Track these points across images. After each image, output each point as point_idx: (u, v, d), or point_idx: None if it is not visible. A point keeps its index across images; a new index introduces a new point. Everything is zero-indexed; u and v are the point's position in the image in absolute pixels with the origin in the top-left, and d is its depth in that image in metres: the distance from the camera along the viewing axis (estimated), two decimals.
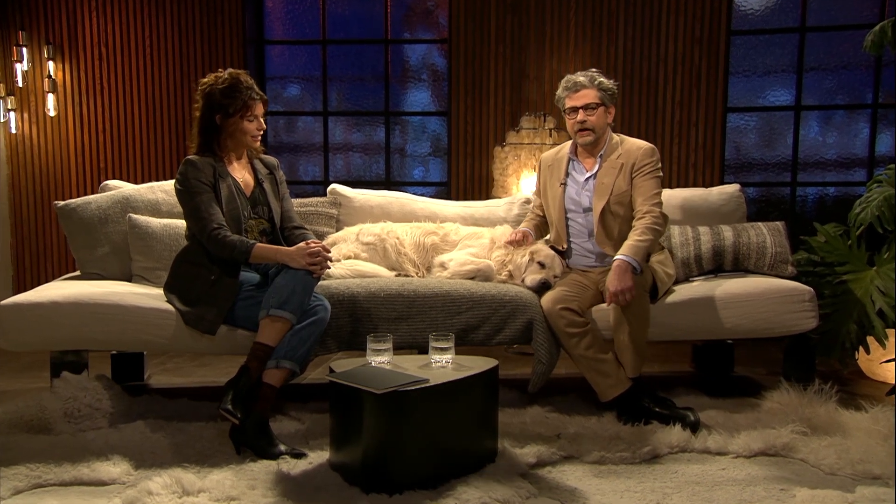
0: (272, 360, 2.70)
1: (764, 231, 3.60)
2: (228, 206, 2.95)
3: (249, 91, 2.94)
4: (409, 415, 2.37)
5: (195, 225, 2.90)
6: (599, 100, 3.20)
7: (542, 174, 3.45)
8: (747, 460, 2.67)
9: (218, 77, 2.96)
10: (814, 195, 5.23)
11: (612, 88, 3.24)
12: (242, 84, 2.94)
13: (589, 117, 3.20)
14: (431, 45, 5.51)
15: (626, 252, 3.01)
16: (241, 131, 2.97)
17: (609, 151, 3.24)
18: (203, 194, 2.89)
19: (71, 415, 2.87)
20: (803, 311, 3.21)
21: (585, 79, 3.22)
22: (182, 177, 2.92)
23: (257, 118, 2.99)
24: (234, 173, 3.04)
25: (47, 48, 5.22)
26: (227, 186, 2.96)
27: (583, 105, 3.20)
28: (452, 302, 3.12)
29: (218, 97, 2.92)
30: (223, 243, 2.83)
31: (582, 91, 3.21)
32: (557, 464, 2.62)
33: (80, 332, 2.97)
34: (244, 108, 2.94)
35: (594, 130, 3.22)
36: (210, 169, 2.94)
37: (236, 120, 2.95)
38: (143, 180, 5.13)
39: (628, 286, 2.92)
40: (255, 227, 3.05)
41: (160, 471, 2.47)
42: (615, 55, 5.08)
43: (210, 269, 2.90)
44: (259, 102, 2.98)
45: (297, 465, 2.55)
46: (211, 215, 2.87)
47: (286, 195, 3.23)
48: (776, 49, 5.14)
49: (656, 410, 2.94)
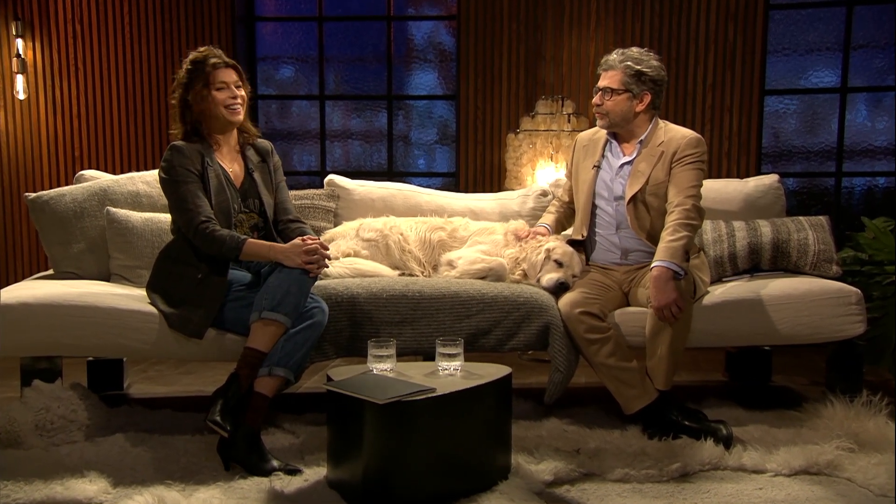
0: (264, 368, 2.71)
1: (806, 226, 3.59)
2: (217, 197, 2.96)
3: (212, 58, 3.00)
4: (414, 427, 2.37)
5: (181, 217, 2.92)
6: (622, 85, 3.17)
7: (575, 154, 3.45)
8: (787, 479, 2.66)
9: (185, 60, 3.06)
10: (861, 187, 5.22)
11: (649, 74, 3.17)
12: (203, 54, 3.02)
13: (605, 101, 3.19)
14: (438, 21, 5.51)
15: (663, 257, 2.97)
16: (213, 103, 2.99)
17: (651, 138, 3.24)
18: (190, 184, 2.90)
19: (43, 427, 2.88)
20: (849, 314, 3.20)
21: (617, 59, 3.19)
22: (167, 164, 2.94)
23: (228, 85, 3.00)
24: (223, 161, 3.05)
25: (15, 24, 5.24)
26: (215, 175, 2.98)
27: (603, 87, 3.20)
28: (461, 304, 3.12)
29: (184, 76, 3.01)
30: (211, 238, 2.84)
31: (609, 72, 3.20)
32: (577, 482, 2.62)
33: (53, 336, 2.97)
34: (206, 77, 2.98)
35: (608, 116, 3.21)
36: (198, 156, 2.96)
37: (202, 90, 2.98)
38: (122, 170, 5.15)
39: (673, 298, 2.89)
40: (245, 222, 3.06)
41: (141, 489, 2.47)
42: (640, 32, 5.07)
43: (197, 267, 2.91)
44: (226, 69, 3.02)
45: (292, 483, 2.55)
46: (198, 207, 2.88)
47: (281, 184, 3.23)
48: (820, 24, 5.12)
49: (686, 424, 2.94)
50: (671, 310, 2.89)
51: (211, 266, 2.91)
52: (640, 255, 3.25)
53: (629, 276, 3.25)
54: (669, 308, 2.89)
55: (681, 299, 2.89)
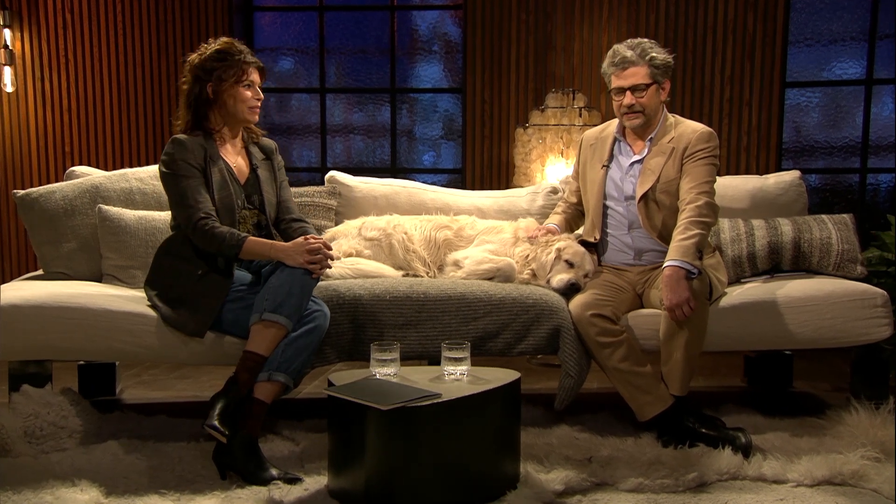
0: (264, 373, 2.71)
1: (829, 225, 3.58)
2: (220, 193, 2.97)
3: (244, 54, 3.01)
4: (419, 435, 2.38)
5: (180, 213, 2.93)
6: (650, 78, 3.17)
7: (582, 153, 3.45)
8: (809, 490, 2.65)
9: (207, 46, 3.03)
10: (887, 183, 5.21)
11: (668, 61, 3.20)
12: (235, 47, 3.01)
13: (639, 99, 3.18)
14: (444, 11, 5.52)
15: (675, 256, 2.97)
16: (237, 100, 3.00)
17: (661, 134, 3.23)
18: (191, 178, 2.92)
19: (32, 434, 2.89)
20: (875, 317, 3.20)
21: (634, 53, 3.17)
22: (168, 157, 2.94)
23: (254, 85, 3.03)
24: (227, 157, 3.07)
25: (3, 14, 5.26)
26: (218, 171, 2.99)
27: (630, 86, 3.17)
28: (468, 306, 3.13)
29: (208, 63, 2.98)
30: (211, 235, 2.85)
31: (630, 69, 3.18)
32: (588, 492, 2.61)
33: (43, 339, 2.98)
34: (240, 72, 2.98)
35: (644, 112, 3.21)
36: (200, 150, 2.97)
37: (231, 86, 2.98)
38: (115, 167, 5.17)
39: (685, 297, 2.89)
40: (248, 219, 3.07)
41: (134, 498, 2.48)
42: (655, 22, 5.07)
43: (197, 264, 2.92)
44: (255, 69, 3.04)
45: (291, 492, 2.55)
46: (199, 203, 2.89)
47: (284, 183, 3.26)
48: (844, 14, 5.12)
49: (703, 431, 2.93)
50: (683, 309, 2.89)
51: (212, 263, 2.92)
52: (653, 256, 3.25)
53: (643, 276, 3.25)
54: (682, 307, 2.89)
55: (693, 298, 2.89)
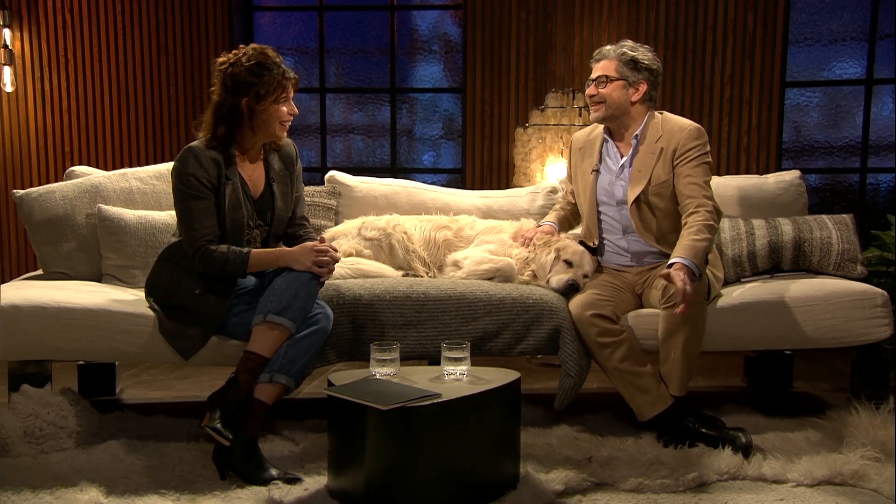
0: (265, 374, 2.71)
1: (829, 225, 3.58)
2: (232, 214, 2.88)
3: (281, 68, 2.87)
4: (419, 435, 2.38)
5: (183, 234, 2.88)
6: (616, 73, 3.18)
7: (572, 157, 3.45)
8: (809, 490, 2.65)
9: (239, 54, 2.85)
10: (887, 183, 5.21)
11: (643, 62, 3.19)
12: (271, 59, 2.85)
13: (600, 90, 3.20)
14: (444, 11, 5.52)
15: (683, 253, 2.93)
16: (272, 116, 2.87)
17: (647, 133, 3.23)
18: (200, 200, 2.83)
19: (32, 434, 2.89)
20: (875, 317, 3.20)
21: (612, 49, 3.23)
22: (182, 165, 2.84)
23: (289, 101, 2.91)
24: (243, 170, 2.94)
25: (3, 14, 5.26)
26: (232, 189, 2.88)
27: (595, 77, 3.22)
28: (468, 306, 3.13)
29: (245, 76, 2.81)
30: (211, 261, 2.81)
31: (602, 62, 3.23)
32: (588, 492, 2.62)
33: (43, 339, 2.99)
34: (279, 89, 2.85)
35: (605, 104, 3.20)
36: (214, 168, 2.85)
37: (269, 105, 2.86)
38: (115, 166, 5.17)
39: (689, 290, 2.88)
40: (258, 237, 3.01)
41: (134, 498, 2.49)
42: (655, 22, 5.07)
43: (196, 281, 2.88)
44: (292, 83, 2.91)
45: (291, 492, 2.56)
46: (203, 227, 2.82)
47: (300, 198, 3.13)
48: (844, 13, 5.12)
49: (703, 431, 2.94)
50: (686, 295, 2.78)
51: (210, 284, 2.87)
52: (652, 258, 3.25)
53: (642, 277, 3.25)
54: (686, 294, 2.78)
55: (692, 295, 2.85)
